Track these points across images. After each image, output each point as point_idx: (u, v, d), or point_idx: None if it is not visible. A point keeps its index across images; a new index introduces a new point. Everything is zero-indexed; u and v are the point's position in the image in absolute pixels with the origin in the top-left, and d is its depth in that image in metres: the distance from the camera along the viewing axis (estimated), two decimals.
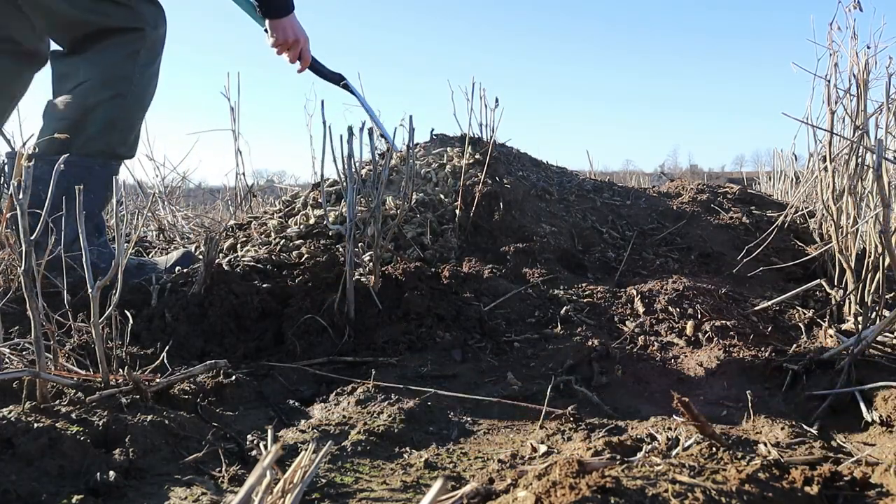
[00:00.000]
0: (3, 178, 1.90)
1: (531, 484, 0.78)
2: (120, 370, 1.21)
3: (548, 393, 1.28)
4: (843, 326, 1.72)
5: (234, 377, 1.33)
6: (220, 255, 2.13)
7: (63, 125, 1.83)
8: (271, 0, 2.06)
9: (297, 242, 2.20)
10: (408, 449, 1.10)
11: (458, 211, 2.36)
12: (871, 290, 1.65)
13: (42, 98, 1.94)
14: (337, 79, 2.38)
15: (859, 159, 1.81)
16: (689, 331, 1.65)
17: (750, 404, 1.27)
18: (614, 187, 3.22)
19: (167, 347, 1.43)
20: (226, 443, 1.06)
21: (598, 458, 0.92)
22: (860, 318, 1.57)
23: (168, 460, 0.99)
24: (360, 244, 1.88)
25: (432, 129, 3.04)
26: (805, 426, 1.21)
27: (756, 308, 1.84)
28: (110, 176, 1.94)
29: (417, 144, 3.00)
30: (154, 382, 1.18)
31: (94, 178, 1.87)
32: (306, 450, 0.83)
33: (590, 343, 1.58)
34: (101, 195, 1.93)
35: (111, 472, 0.91)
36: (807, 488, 0.80)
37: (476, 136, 2.77)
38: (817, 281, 1.94)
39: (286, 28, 2.10)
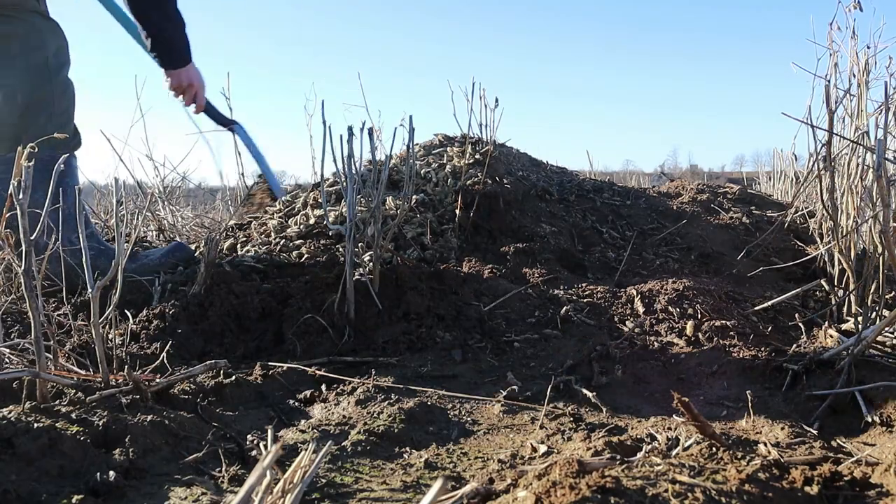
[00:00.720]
0: None
1: (531, 484, 0.78)
2: (120, 370, 1.21)
3: (548, 393, 1.28)
4: (843, 326, 1.72)
5: (234, 377, 1.33)
6: (220, 255, 2.13)
7: (4, 130, 1.87)
8: (169, 53, 2.10)
9: (297, 242, 2.20)
10: (408, 449, 1.10)
11: (458, 211, 2.36)
12: (871, 290, 1.65)
13: None
14: (228, 123, 2.44)
15: (859, 159, 1.81)
16: (689, 331, 1.65)
17: (750, 404, 1.27)
18: (614, 187, 3.22)
19: (167, 347, 1.43)
20: (226, 443, 1.06)
21: (598, 458, 0.92)
22: (860, 318, 1.57)
23: (168, 460, 0.99)
24: (360, 244, 1.88)
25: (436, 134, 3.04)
26: (805, 426, 1.21)
27: (756, 308, 1.84)
28: (69, 166, 1.96)
29: (417, 144, 3.00)
30: (154, 382, 1.18)
31: (49, 172, 1.90)
32: (306, 450, 0.83)
33: (590, 343, 1.58)
34: (71, 183, 1.95)
35: (111, 472, 0.91)
36: (807, 488, 0.80)
37: (476, 136, 2.77)
38: (817, 281, 1.94)
39: (181, 75, 2.15)
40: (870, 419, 1.22)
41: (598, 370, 1.47)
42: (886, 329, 1.48)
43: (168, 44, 2.06)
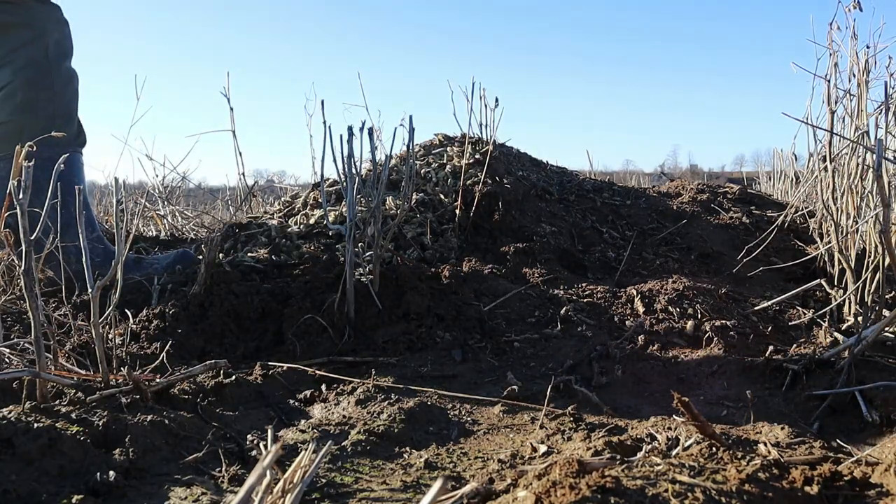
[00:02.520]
0: None
1: (531, 484, 0.78)
2: (120, 370, 1.21)
3: (548, 393, 1.28)
4: (843, 326, 1.72)
5: (234, 377, 1.33)
6: (220, 255, 2.13)
7: (7, 128, 1.85)
8: None
9: (298, 242, 2.20)
10: (408, 449, 1.10)
11: (458, 211, 2.36)
12: (871, 290, 1.65)
13: None
14: None
15: (859, 159, 1.81)
16: (689, 331, 1.65)
17: (750, 404, 1.27)
18: (614, 187, 3.22)
19: (167, 347, 1.43)
20: (226, 443, 1.06)
21: (598, 458, 0.92)
22: (860, 318, 1.57)
23: (168, 460, 0.99)
24: (360, 244, 1.88)
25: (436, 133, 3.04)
26: (805, 426, 1.21)
27: (756, 308, 1.84)
28: (74, 164, 1.95)
29: (417, 144, 3.00)
30: (154, 382, 1.18)
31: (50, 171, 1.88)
32: (306, 450, 0.83)
33: (590, 343, 1.58)
34: (75, 180, 1.94)
35: (111, 472, 0.91)
36: (807, 488, 0.80)
37: (476, 136, 2.77)
38: (817, 281, 1.94)
39: None
40: (870, 419, 1.22)
41: (598, 370, 1.47)
42: (886, 329, 1.48)
43: None
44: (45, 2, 1.94)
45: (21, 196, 1.02)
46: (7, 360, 1.28)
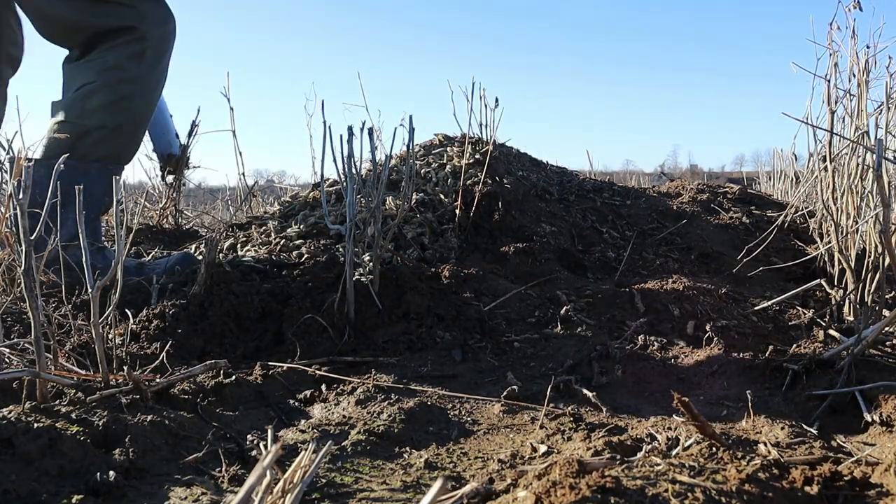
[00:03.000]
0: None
1: (531, 484, 0.78)
2: (120, 370, 1.21)
3: (548, 393, 1.28)
4: (843, 326, 1.72)
5: (234, 377, 1.33)
6: (220, 255, 2.13)
7: (65, 128, 1.83)
8: None
9: (297, 242, 2.20)
10: (408, 449, 1.10)
11: (458, 211, 2.36)
12: (871, 290, 1.65)
13: (47, 99, 1.93)
14: None
15: (859, 159, 1.81)
16: (689, 331, 1.65)
17: (750, 404, 1.27)
18: (614, 187, 3.22)
19: (167, 347, 1.43)
20: (226, 443, 1.06)
21: (598, 458, 0.92)
22: (860, 318, 1.57)
23: (168, 460, 0.99)
24: (360, 244, 1.88)
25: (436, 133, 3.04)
26: (805, 426, 1.21)
27: (756, 308, 1.84)
28: (109, 180, 1.93)
29: (417, 144, 3.00)
30: (154, 382, 1.18)
31: (91, 182, 1.85)
32: (306, 450, 0.83)
33: (590, 343, 1.58)
34: (99, 199, 1.92)
35: (111, 472, 0.91)
36: (807, 488, 0.80)
37: (476, 136, 2.77)
38: (817, 281, 1.94)
39: None
40: (870, 419, 1.22)
41: (598, 370, 1.47)
42: (886, 329, 1.48)
43: None
44: (156, 0, 1.90)
45: (21, 196, 1.02)
46: (7, 360, 1.28)
